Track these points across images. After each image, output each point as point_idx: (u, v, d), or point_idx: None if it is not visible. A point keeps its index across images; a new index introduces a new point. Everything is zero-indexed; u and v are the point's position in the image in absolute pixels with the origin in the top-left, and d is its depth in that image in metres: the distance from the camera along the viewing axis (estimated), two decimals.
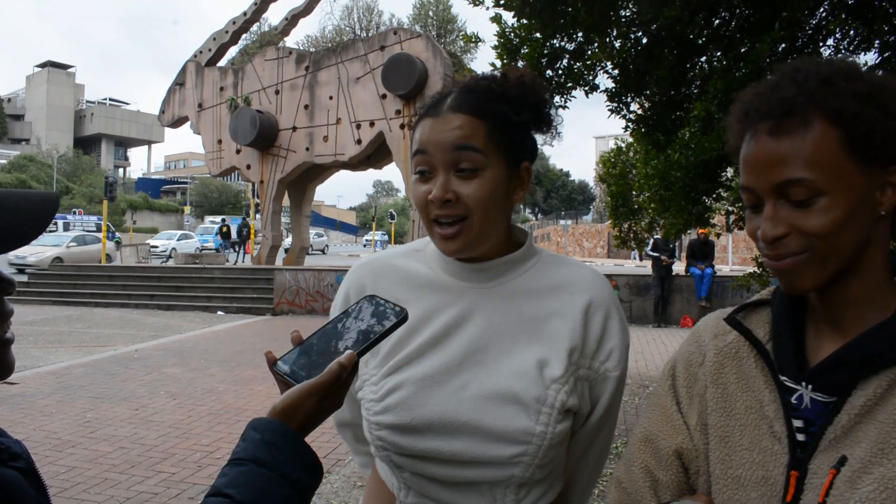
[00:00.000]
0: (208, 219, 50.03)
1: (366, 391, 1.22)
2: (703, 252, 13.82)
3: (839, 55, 4.51)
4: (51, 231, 28.08)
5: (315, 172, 19.81)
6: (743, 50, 4.22)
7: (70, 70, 78.90)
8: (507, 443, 1.13)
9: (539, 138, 1.27)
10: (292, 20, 19.58)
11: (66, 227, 34.17)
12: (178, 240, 35.62)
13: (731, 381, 1.02)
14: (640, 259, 27.67)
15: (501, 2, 4.42)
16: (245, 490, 0.83)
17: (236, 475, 0.84)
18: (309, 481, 0.88)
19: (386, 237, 61.71)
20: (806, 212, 0.87)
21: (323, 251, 47.90)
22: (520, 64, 4.57)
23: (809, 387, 0.93)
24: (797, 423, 0.93)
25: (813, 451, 0.90)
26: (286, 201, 20.23)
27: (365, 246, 59.40)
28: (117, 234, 35.18)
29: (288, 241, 25.42)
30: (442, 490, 1.19)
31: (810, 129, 0.86)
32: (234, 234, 30.07)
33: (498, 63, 4.64)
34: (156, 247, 32.07)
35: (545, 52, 4.53)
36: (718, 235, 8.98)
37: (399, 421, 1.16)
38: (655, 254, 13.46)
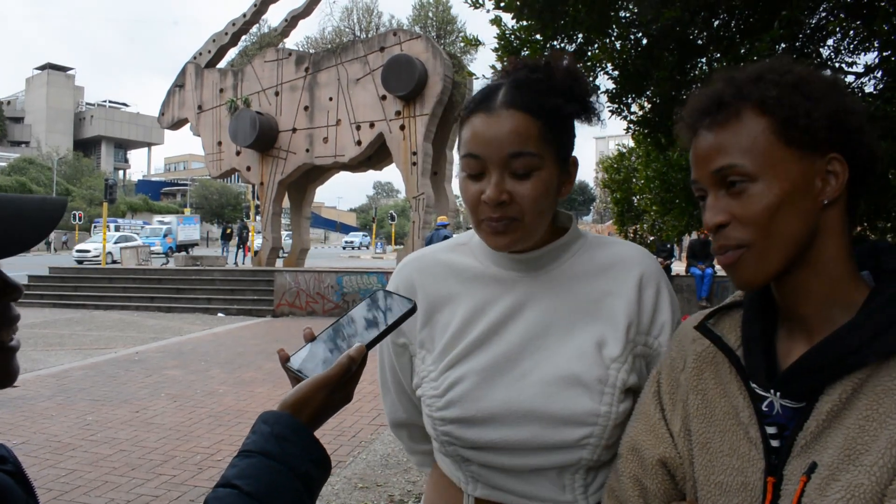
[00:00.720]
0: (156, 219, 44.62)
1: (426, 388, 1.22)
2: (703, 252, 13.82)
3: (839, 55, 4.51)
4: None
5: (315, 174, 19.82)
6: (743, 50, 4.21)
7: (69, 72, 78.97)
8: (573, 426, 1.13)
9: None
10: (292, 21, 19.59)
11: (117, 229, 39.98)
12: (116, 242, 29.64)
13: (711, 387, 1.02)
14: None
15: (502, 4, 4.41)
16: (253, 482, 0.83)
17: (245, 467, 0.85)
18: (318, 475, 0.89)
19: (367, 238, 61.29)
20: (742, 202, 0.89)
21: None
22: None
23: (778, 394, 0.93)
24: (770, 430, 0.93)
25: (786, 457, 0.90)
26: (286, 203, 20.22)
27: (344, 248, 58.60)
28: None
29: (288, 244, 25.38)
30: (511, 479, 1.19)
31: (742, 120, 0.90)
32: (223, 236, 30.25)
33: (498, 65, 4.63)
34: (85, 251, 28.86)
35: (545, 53, 4.52)
36: None
37: (464, 414, 1.16)
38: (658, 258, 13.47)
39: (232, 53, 20.54)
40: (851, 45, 4.59)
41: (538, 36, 4.49)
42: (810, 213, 0.89)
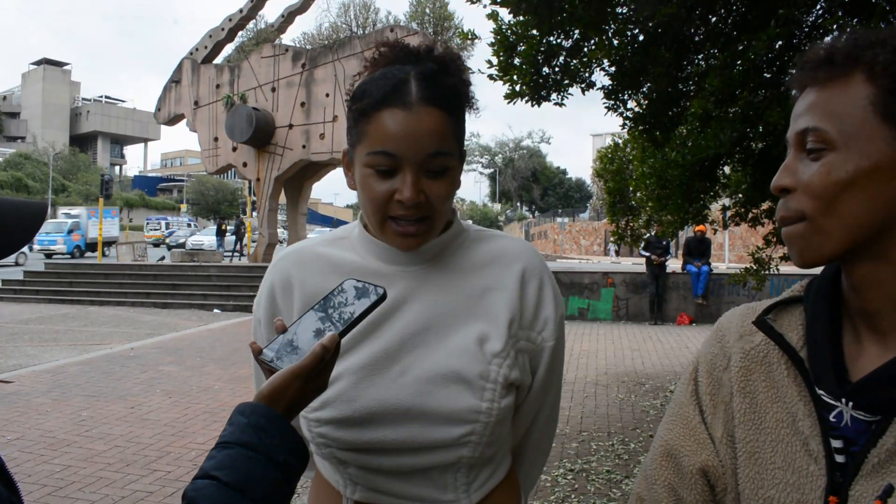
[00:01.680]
0: (61, 211, 37.19)
1: None
2: (699, 249, 13.82)
3: None
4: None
5: (312, 170, 19.80)
6: (740, 48, 4.21)
7: (66, 68, 78.70)
8: (454, 423, 1.11)
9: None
10: (289, 17, 19.56)
11: (167, 227, 43.51)
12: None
13: (761, 390, 0.92)
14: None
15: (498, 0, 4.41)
16: (232, 472, 0.83)
17: (223, 458, 0.85)
18: (296, 464, 0.89)
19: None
20: (814, 167, 0.81)
21: None
22: (516, 61, 4.56)
23: (850, 404, 0.82)
24: (836, 444, 0.83)
25: (854, 476, 0.80)
26: (283, 199, 20.20)
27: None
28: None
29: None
30: (391, 481, 1.16)
31: (846, 82, 0.80)
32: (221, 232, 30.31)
33: (494, 60, 4.63)
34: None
35: (542, 49, 4.52)
36: (715, 231, 8.99)
37: (339, 414, 1.12)
38: (647, 253, 13.46)
39: (228, 49, 20.52)
40: None
41: (535, 31, 4.48)
42: (888, 200, 0.78)
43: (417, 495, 1.16)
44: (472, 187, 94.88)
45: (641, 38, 4.68)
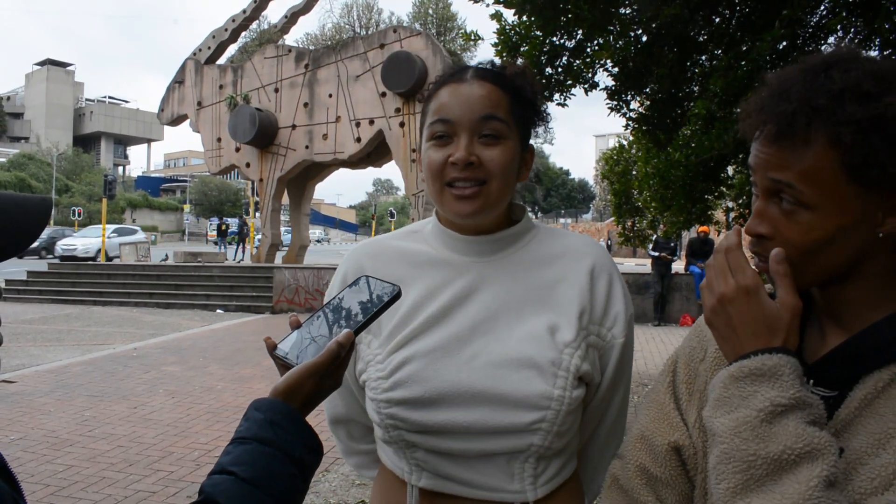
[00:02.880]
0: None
1: (371, 371, 1.20)
2: (702, 250, 13.80)
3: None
4: None
5: (314, 170, 19.79)
6: (744, 48, 4.20)
7: (69, 68, 78.82)
8: (526, 408, 1.11)
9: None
10: (292, 18, 19.55)
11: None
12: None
13: None
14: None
15: (501, 0, 4.41)
16: (249, 468, 0.83)
17: (240, 453, 0.85)
18: (311, 460, 0.89)
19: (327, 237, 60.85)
20: (791, 221, 0.87)
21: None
22: (519, 61, 4.56)
23: (811, 381, 0.91)
24: None
25: None
26: (286, 199, 20.20)
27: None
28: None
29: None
30: (458, 466, 1.16)
31: (811, 145, 0.85)
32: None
33: (498, 61, 4.63)
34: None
35: (545, 49, 4.51)
36: (719, 233, 8.97)
37: (411, 395, 1.14)
38: (655, 253, 13.46)
39: (232, 50, 20.51)
40: (852, 44, 4.58)
41: (538, 32, 4.48)
42: (862, 243, 0.87)
43: (484, 483, 1.15)
44: None
45: (645, 38, 4.68)
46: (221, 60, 20.35)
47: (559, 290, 1.20)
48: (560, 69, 4.64)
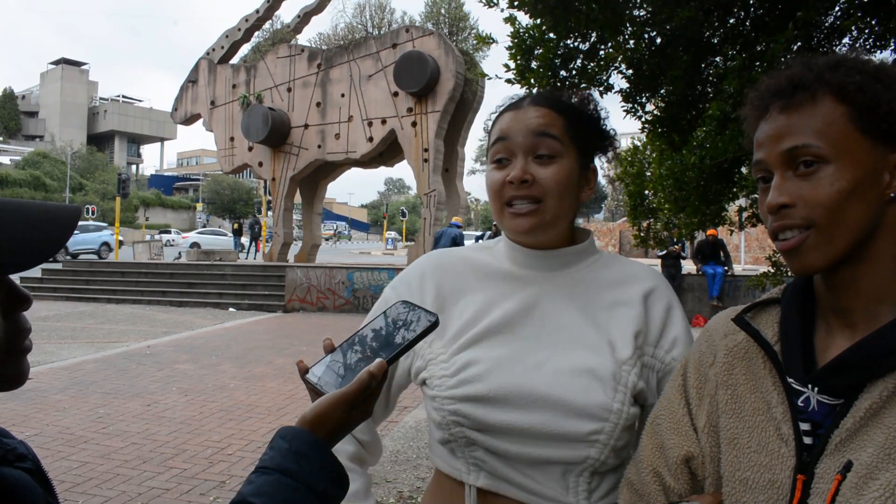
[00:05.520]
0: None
1: (433, 369, 1.23)
2: (712, 253, 13.75)
3: (854, 54, 4.49)
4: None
5: (327, 170, 19.85)
6: (759, 49, 4.19)
7: (84, 67, 79.40)
8: (586, 418, 1.14)
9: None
10: (305, 18, 19.61)
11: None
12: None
13: (741, 383, 1.01)
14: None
15: (515, 2, 4.40)
16: (270, 499, 0.82)
17: (262, 484, 0.84)
18: (335, 493, 0.88)
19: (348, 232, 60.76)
20: (812, 183, 0.88)
21: None
22: (533, 65, 4.55)
23: (815, 389, 0.91)
24: (804, 426, 0.91)
25: (819, 455, 0.88)
26: (298, 198, 20.28)
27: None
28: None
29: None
30: (515, 471, 1.18)
31: (818, 104, 0.89)
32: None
33: (511, 64, 4.62)
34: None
35: (559, 52, 4.51)
36: (731, 233, 8.94)
37: (476, 392, 1.17)
38: (664, 250, 13.39)
39: (245, 49, 20.61)
40: (867, 44, 4.56)
41: (551, 34, 4.48)
42: (875, 206, 0.88)
43: (540, 491, 1.18)
44: None
45: (659, 40, 4.66)
46: (234, 60, 20.45)
47: (617, 312, 1.23)
48: (574, 72, 4.64)
